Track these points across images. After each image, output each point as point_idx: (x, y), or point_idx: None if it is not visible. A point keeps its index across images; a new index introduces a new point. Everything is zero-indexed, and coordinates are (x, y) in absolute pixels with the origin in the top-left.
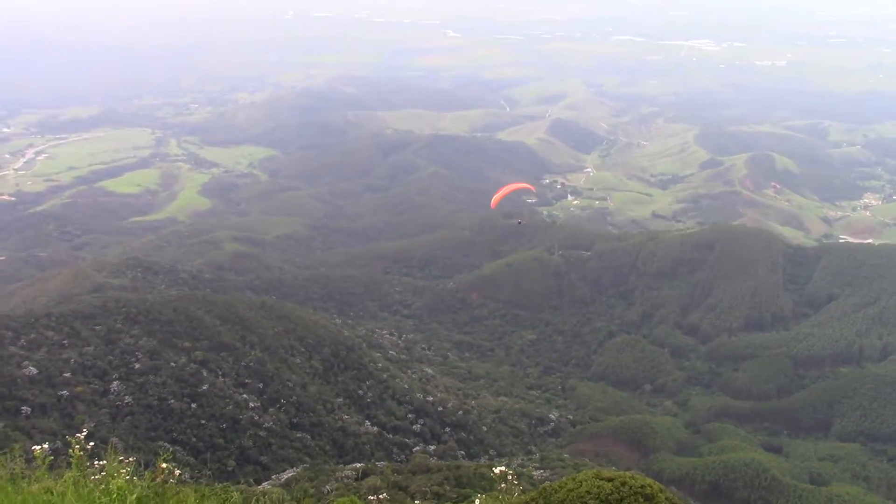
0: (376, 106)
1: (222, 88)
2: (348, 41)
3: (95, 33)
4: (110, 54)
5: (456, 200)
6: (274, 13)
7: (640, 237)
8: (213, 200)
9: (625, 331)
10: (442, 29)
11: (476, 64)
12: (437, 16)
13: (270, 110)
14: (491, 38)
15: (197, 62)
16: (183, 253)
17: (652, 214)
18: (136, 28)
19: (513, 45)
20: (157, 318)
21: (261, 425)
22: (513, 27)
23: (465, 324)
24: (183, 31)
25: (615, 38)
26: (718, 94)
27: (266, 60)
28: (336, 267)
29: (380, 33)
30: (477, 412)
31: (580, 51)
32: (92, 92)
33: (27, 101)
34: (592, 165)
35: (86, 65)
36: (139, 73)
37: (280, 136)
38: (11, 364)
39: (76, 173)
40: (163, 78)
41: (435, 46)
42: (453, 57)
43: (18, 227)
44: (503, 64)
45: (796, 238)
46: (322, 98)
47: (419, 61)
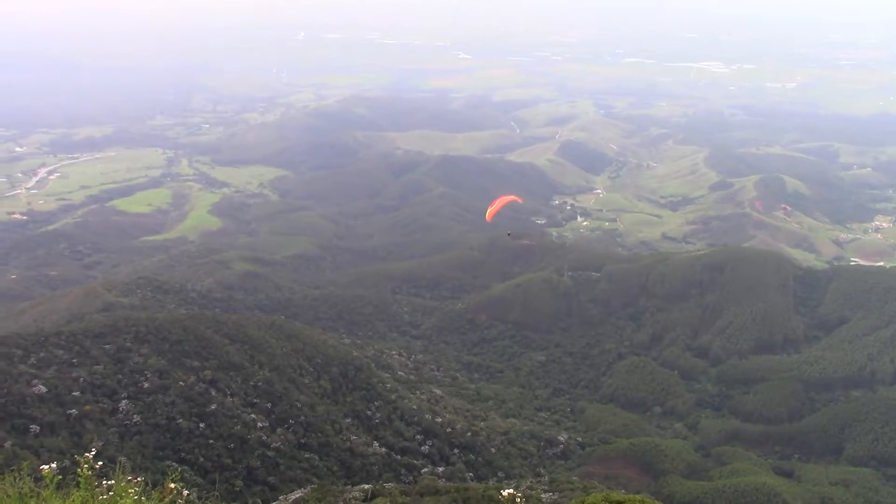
0: (387, 127)
1: (233, 109)
2: (359, 62)
3: (109, 55)
4: (123, 75)
5: (465, 221)
6: (286, 34)
7: (649, 259)
8: (224, 220)
9: (634, 352)
10: (453, 51)
11: (487, 85)
12: (449, 38)
13: (281, 130)
14: (502, 59)
15: (208, 83)
16: (193, 272)
17: (662, 236)
18: (148, 49)
19: (523, 67)
20: (166, 338)
21: (269, 445)
22: (524, 49)
23: (474, 345)
24: (195, 52)
25: (625, 60)
26: (728, 115)
27: (277, 81)
28: (345, 287)
29: (391, 55)
30: (486, 434)
31: (590, 73)
32: (105, 112)
33: (41, 120)
34: (602, 187)
35: (99, 85)
36: (152, 93)
37: (291, 156)
38: (21, 382)
39: (88, 192)
40: (175, 98)
41: (446, 68)
42: (464, 78)
43: (30, 246)
44: (514, 86)
45: (807, 260)
46: (333, 118)
47: (430, 83)
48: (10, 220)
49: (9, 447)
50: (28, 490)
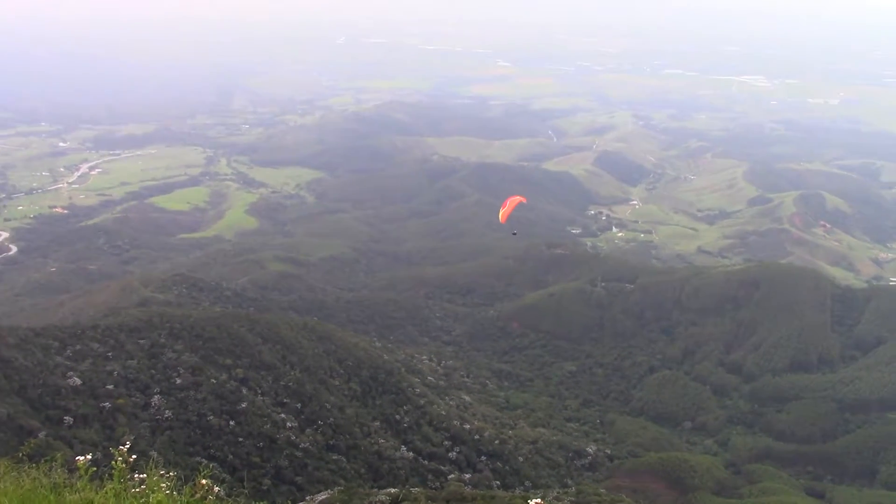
0: (424, 132)
1: (273, 110)
2: (399, 67)
3: (153, 55)
4: (167, 75)
5: (500, 228)
6: (327, 38)
7: (684, 272)
8: (260, 220)
9: (666, 366)
10: (493, 58)
11: (525, 94)
12: (489, 45)
13: (320, 133)
14: (541, 68)
15: (250, 84)
16: (228, 271)
17: (697, 249)
18: (192, 50)
19: (563, 76)
20: (200, 335)
21: (297, 445)
22: (564, 59)
23: (504, 352)
24: (237, 53)
25: (665, 71)
26: (769, 130)
27: (317, 84)
28: (378, 290)
29: (431, 61)
30: (514, 442)
31: (630, 83)
32: (148, 110)
33: (85, 116)
34: (638, 198)
35: (143, 84)
36: (194, 93)
37: (328, 158)
38: (57, 374)
39: (128, 189)
40: (216, 99)
41: (485, 75)
42: (503, 86)
43: (70, 240)
44: (552, 94)
45: (845, 279)
46: (371, 123)
47: (469, 89)
48: (51, 214)
49: (43, 437)
50: (62, 481)
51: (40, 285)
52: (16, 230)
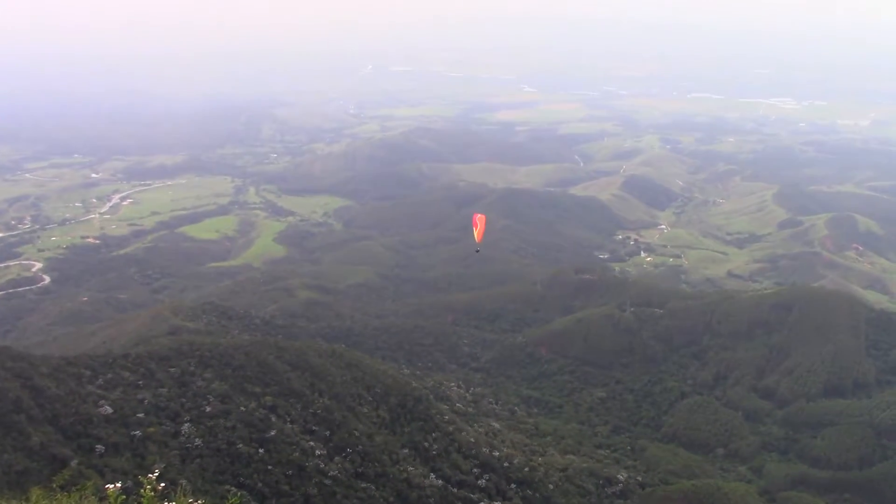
0: (451, 159)
1: (301, 139)
2: (425, 95)
3: (183, 85)
4: (196, 105)
5: (527, 254)
6: (354, 67)
7: (714, 296)
8: (289, 248)
9: (697, 392)
10: (518, 84)
11: (551, 119)
12: (514, 71)
13: (347, 161)
14: (567, 93)
15: (278, 114)
16: (257, 299)
17: (727, 273)
18: (220, 81)
19: (589, 101)
20: (229, 363)
21: (326, 473)
22: (590, 83)
23: (533, 379)
24: (265, 83)
25: (692, 94)
26: (798, 152)
27: (345, 112)
28: (406, 317)
29: (457, 87)
30: (543, 470)
31: (657, 107)
32: (178, 141)
33: (117, 147)
34: (667, 222)
35: (173, 115)
36: (223, 123)
37: (355, 186)
38: (88, 402)
39: (159, 218)
40: (245, 128)
41: (511, 101)
42: (529, 112)
43: (101, 270)
44: (579, 119)
45: (880, 302)
46: (398, 150)
47: (495, 116)
48: (83, 244)
49: (74, 466)
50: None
51: (72, 315)
52: (49, 260)
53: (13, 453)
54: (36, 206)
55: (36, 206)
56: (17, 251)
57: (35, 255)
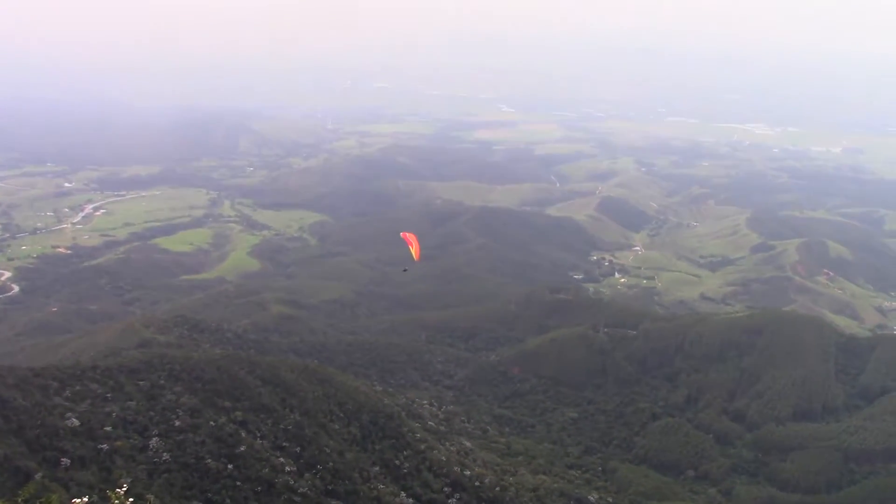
0: (428, 176)
1: (278, 153)
2: (403, 111)
3: (159, 95)
4: (172, 116)
5: (503, 273)
6: (333, 82)
7: (687, 319)
8: (263, 262)
9: (669, 413)
10: (496, 103)
11: (529, 139)
12: (493, 91)
13: (323, 176)
14: (545, 114)
15: (255, 127)
16: (230, 313)
17: (700, 296)
18: (198, 92)
19: (567, 122)
20: (199, 377)
21: (296, 490)
22: (567, 105)
23: (506, 398)
24: (243, 96)
25: (668, 119)
26: (772, 178)
27: (322, 127)
28: (380, 334)
29: (435, 105)
30: (514, 490)
31: (633, 130)
32: (153, 152)
33: (91, 157)
34: (641, 244)
35: (149, 126)
36: (199, 135)
37: (331, 201)
38: (55, 415)
39: (132, 229)
40: (221, 141)
41: (489, 120)
42: (506, 131)
43: (73, 280)
44: (556, 140)
45: (849, 327)
46: (375, 166)
47: (472, 134)
48: (54, 254)
49: (39, 479)
50: None
51: (41, 325)
52: (19, 269)
53: None
54: (7, 215)
55: (7, 214)
56: None
57: (4, 263)
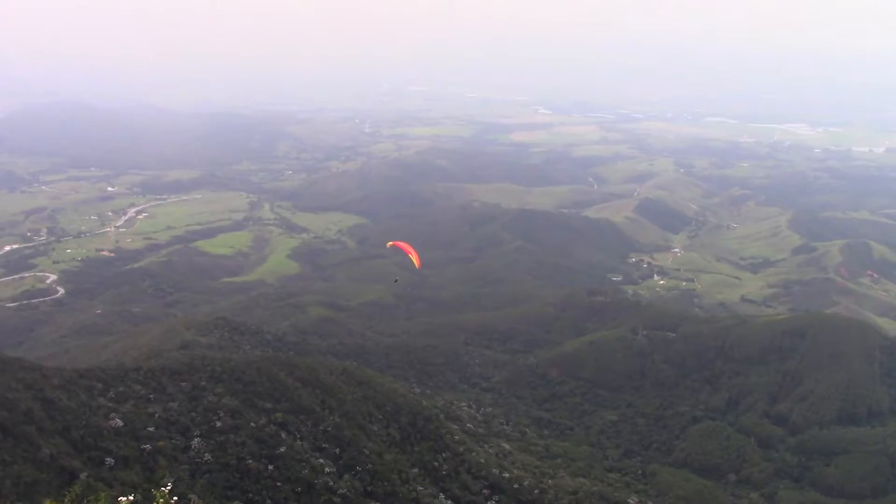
0: (465, 178)
1: (316, 157)
2: (440, 115)
3: (200, 101)
4: (213, 121)
5: (540, 275)
6: (370, 86)
7: (728, 321)
8: (302, 265)
9: (710, 416)
10: (533, 106)
11: (566, 141)
12: (529, 93)
13: (362, 179)
14: (582, 116)
15: (294, 131)
16: (270, 315)
17: (741, 298)
18: (238, 97)
19: (604, 123)
20: (240, 378)
21: (335, 491)
22: (604, 106)
23: (544, 400)
24: (281, 100)
25: (707, 119)
26: (813, 178)
27: (360, 131)
28: (418, 336)
29: (472, 108)
30: (553, 492)
31: (671, 131)
32: (194, 156)
33: (134, 162)
34: (680, 246)
35: (191, 131)
36: (239, 140)
37: (370, 204)
38: (99, 415)
39: (173, 233)
40: (261, 146)
41: (526, 123)
42: (543, 133)
43: (116, 283)
44: (593, 142)
45: (894, 330)
46: (412, 169)
47: (509, 136)
48: (98, 257)
49: (84, 478)
50: None
51: (86, 327)
52: (64, 272)
53: (23, 464)
54: (52, 219)
55: (52, 218)
56: (32, 263)
57: (50, 266)
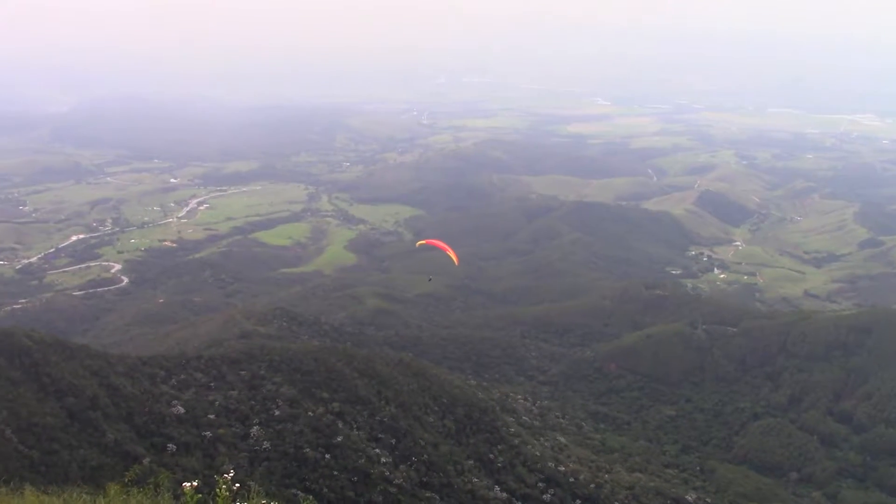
0: (522, 170)
1: (374, 149)
2: (497, 106)
3: (261, 95)
4: (272, 113)
5: (597, 268)
6: (427, 77)
7: (790, 316)
8: (359, 256)
9: (771, 413)
10: (591, 97)
11: (624, 133)
12: (588, 84)
13: (419, 171)
14: (641, 107)
15: (351, 123)
16: (327, 305)
17: (804, 293)
18: (295, 89)
19: (663, 114)
20: (298, 368)
21: (391, 481)
22: (664, 97)
23: (601, 394)
24: (339, 93)
25: (770, 109)
26: (881, 170)
27: (417, 123)
28: (474, 328)
29: (529, 99)
30: (609, 487)
31: (733, 122)
32: (253, 148)
33: (195, 154)
34: (742, 239)
35: (250, 123)
36: (298, 132)
37: (427, 196)
38: (161, 402)
39: (233, 224)
40: (319, 137)
41: (583, 114)
42: (601, 125)
43: (178, 272)
44: (652, 133)
45: None
46: (469, 160)
47: (567, 128)
48: (161, 247)
49: (147, 463)
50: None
51: (149, 316)
52: (128, 262)
53: (89, 448)
54: (117, 209)
55: (117, 208)
56: (97, 252)
57: (114, 256)
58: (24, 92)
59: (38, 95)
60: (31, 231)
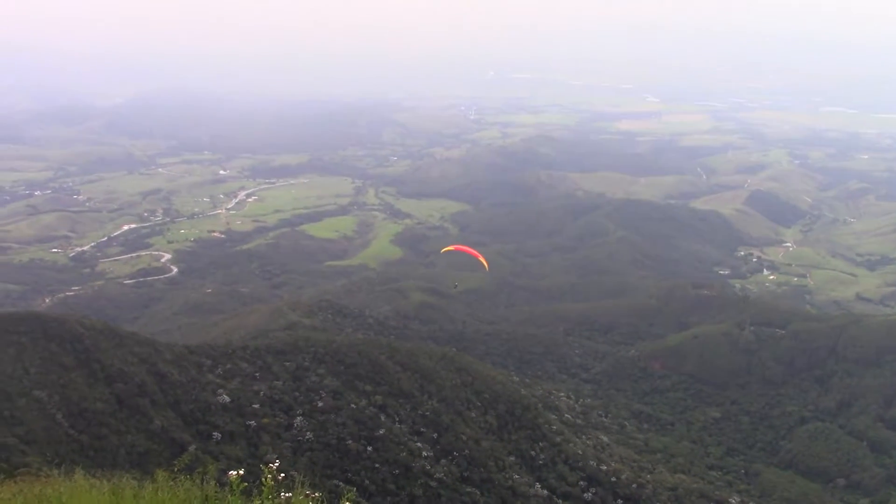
0: (569, 167)
1: (421, 143)
2: (545, 102)
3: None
4: (321, 107)
5: (643, 267)
6: (475, 73)
7: (841, 319)
8: (404, 250)
9: (819, 418)
10: (640, 94)
11: (674, 130)
12: (636, 81)
13: (465, 166)
14: (692, 104)
15: (399, 118)
16: (372, 299)
17: (856, 296)
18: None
19: (714, 112)
20: (342, 360)
21: (432, 475)
22: (714, 95)
23: (645, 394)
24: (387, 88)
25: (824, 109)
26: None
27: (465, 118)
28: (518, 325)
29: (577, 96)
30: (652, 487)
31: (786, 121)
32: (302, 142)
33: (244, 146)
34: (792, 240)
35: (298, 116)
36: (346, 126)
37: (473, 191)
38: (207, 391)
39: (281, 216)
40: (367, 131)
41: (632, 111)
42: (650, 122)
43: (226, 263)
44: (702, 131)
45: None
46: (517, 157)
47: (615, 125)
48: (210, 238)
49: (192, 451)
50: (213, 493)
51: (197, 305)
52: (177, 252)
53: (136, 434)
54: (167, 200)
55: (167, 199)
56: (148, 242)
57: (165, 246)
58: (85, 86)
59: (96, 89)
60: (85, 220)
